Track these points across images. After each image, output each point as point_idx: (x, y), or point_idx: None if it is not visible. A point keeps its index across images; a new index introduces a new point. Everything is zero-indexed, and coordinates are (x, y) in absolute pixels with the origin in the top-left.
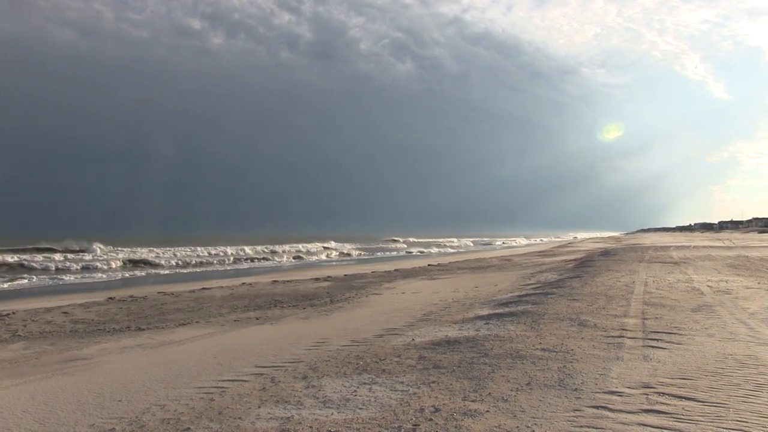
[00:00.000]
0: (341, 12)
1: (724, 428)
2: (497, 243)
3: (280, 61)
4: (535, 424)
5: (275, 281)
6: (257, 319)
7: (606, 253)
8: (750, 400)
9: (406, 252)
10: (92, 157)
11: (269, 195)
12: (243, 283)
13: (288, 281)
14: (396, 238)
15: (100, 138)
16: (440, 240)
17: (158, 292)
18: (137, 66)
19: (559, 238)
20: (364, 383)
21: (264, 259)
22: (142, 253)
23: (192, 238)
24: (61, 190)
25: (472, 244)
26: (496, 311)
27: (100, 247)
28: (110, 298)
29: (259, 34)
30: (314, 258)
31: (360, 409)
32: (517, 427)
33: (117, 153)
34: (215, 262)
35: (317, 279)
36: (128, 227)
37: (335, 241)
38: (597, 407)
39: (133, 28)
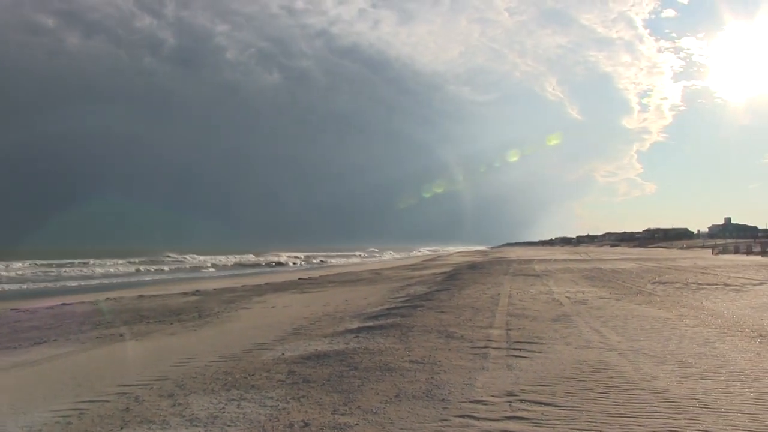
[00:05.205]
0: (206, 18)
1: (577, 429)
2: (382, 256)
3: (143, 66)
4: None
5: (141, 296)
6: (121, 335)
7: (473, 267)
8: (600, 401)
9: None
10: None
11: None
12: (107, 298)
13: (155, 296)
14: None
15: None
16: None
17: (11, 309)
18: None
19: (427, 251)
20: (233, 399)
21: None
22: None
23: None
24: None
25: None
26: (366, 324)
27: None
28: None
29: (119, 36)
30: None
31: (228, 426)
32: None
33: None
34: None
35: (185, 293)
36: None
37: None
38: (463, 416)
39: None
